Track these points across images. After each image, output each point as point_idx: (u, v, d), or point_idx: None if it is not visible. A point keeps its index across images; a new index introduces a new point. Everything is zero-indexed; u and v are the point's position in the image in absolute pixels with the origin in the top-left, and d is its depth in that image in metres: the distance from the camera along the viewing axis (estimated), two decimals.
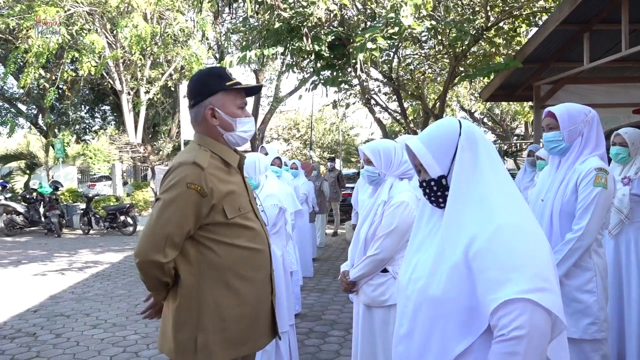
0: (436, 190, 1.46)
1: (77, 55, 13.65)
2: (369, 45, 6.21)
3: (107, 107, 23.38)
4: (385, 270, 2.73)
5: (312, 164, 9.99)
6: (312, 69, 8.77)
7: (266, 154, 5.09)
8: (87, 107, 22.75)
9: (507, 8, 8.99)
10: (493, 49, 9.94)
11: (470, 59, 10.15)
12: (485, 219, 1.33)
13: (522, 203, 1.41)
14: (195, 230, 1.82)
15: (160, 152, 17.28)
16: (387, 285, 2.72)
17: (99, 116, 24.00)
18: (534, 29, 9.32)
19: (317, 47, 6.98)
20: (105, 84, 17.34)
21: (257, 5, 6.63)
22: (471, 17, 8.62)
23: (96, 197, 14.36)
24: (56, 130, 19.62)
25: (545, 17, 8.94)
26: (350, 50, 6.70)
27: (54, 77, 15.70)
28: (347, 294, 2.95)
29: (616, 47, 7.14)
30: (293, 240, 4.92)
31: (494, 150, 1.46)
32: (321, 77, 9.21)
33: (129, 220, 12.79)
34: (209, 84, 1.92)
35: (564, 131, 2.48)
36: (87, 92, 20.46)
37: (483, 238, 1.31)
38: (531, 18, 9.41)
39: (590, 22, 7.34)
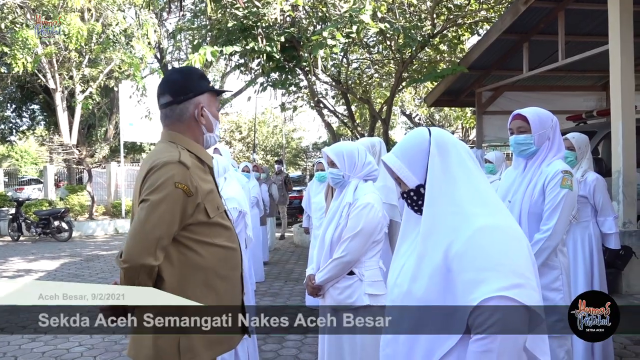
0: (417, 199, 1.50)
1: (6, 50, 12.79)
2: (330, 42, 6.26)
3: (36, 107, 22.04)
4: (351, 273, 2.71)
5: (262, 167, 9.90)
6: (261, 71, 8.72)
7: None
8: (14, 106, 21.38)
9: (451, 17, 9.30)
10: (438, 56, 10.25)
11: (416, 65, 10.42)
12: (461, 221, 1.37)
13: (498, 202, 1.46)
14: (178, 231, 1.78)
15: (97, 154, 16.48)
16: (353, 287, 2.69)
17: (27, 116, 22.60)
18: (476, 38, 9.71)
19: (269, 48, 6.93)
20: (37, 81, 16.34)
21: (212, 3, 6.49)
22: (418, 24, 8.86)
23: (27, 202, 13.50)
24: None
25: (487, 27, 9.33)
26: (310, 47, 6.71)
27: None
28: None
29: (553, 57, 7.57)
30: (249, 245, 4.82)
31: (467, 153, 1.49)
32: (270, 79, 9.15)
33: (64, 225, 12.14)
34: (197, 83, 1.90)
35: (535, 135, 2.57)
36: (14, 90, 19.23)
37: (461, 241, 1.35)
38: (474, 27, 9.79)
39: (530, 32, 7.75)
